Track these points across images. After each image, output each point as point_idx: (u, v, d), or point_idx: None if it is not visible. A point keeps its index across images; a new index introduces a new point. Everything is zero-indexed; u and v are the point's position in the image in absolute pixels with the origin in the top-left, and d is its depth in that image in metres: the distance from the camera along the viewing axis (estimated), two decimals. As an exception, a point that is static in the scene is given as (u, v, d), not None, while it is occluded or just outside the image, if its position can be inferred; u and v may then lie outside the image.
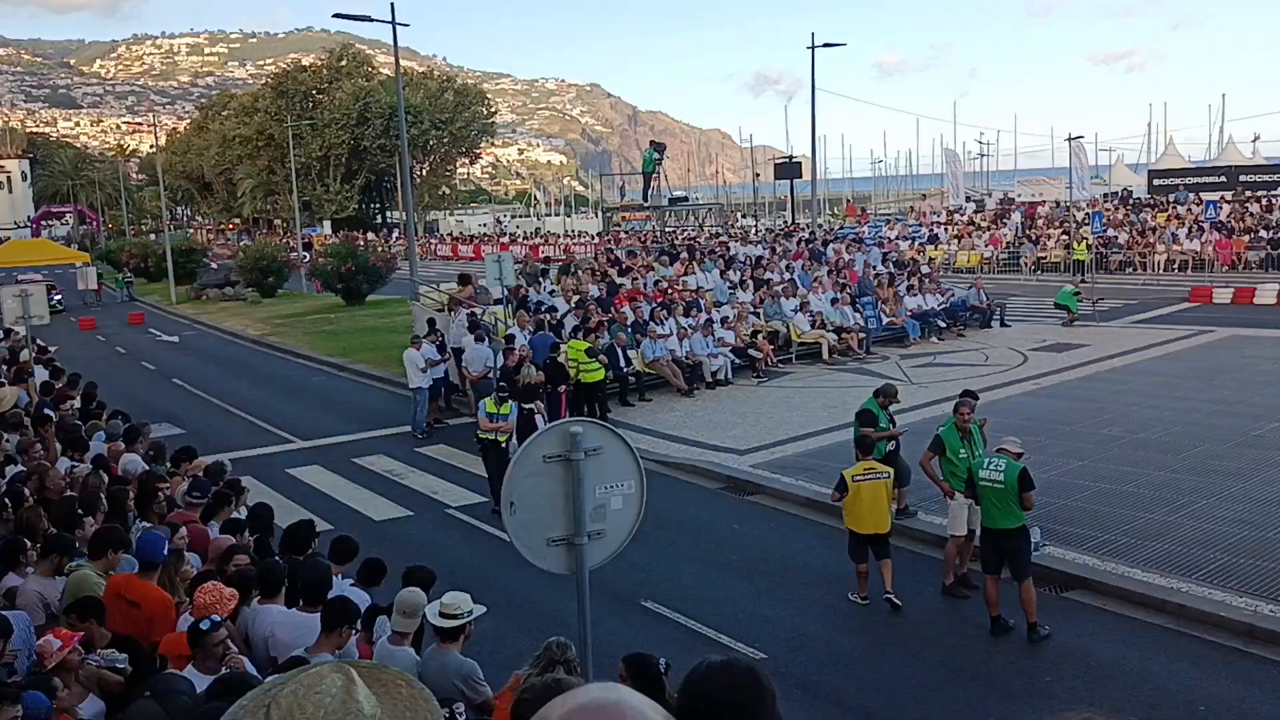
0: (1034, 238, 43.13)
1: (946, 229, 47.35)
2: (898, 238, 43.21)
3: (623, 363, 20.74)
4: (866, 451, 11.48)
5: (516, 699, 3.40)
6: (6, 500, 8.86)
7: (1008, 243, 43.70)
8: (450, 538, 14.07)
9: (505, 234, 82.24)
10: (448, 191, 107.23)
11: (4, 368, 19.86)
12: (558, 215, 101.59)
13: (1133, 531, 12.24)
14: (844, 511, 11.19)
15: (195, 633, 5.86)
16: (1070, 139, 36.99)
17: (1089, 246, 35.88)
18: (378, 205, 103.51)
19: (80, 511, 8.94)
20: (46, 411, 13.70)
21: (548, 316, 21.50)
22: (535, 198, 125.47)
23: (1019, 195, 53.78)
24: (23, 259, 53.37)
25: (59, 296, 45.03)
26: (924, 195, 63.64)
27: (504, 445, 14.86)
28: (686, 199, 44.69)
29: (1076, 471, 14.63)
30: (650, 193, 36.82)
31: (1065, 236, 40.34)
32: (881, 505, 11.00)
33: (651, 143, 37.65)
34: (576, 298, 23.08)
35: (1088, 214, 38.93)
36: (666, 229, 38.81)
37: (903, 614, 10.74)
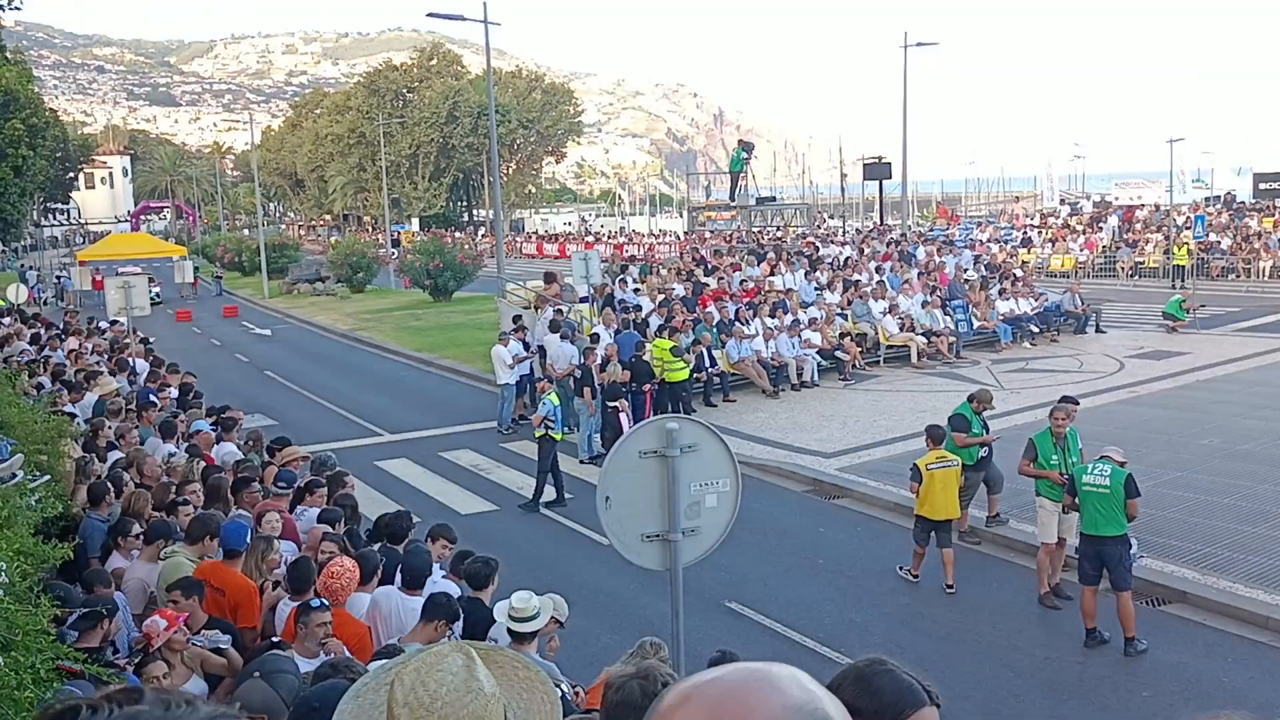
0: (1132, 242, 42.03)
1: (1040, 232, 46.38)
2: (989, 240, 42.39)
3: (707, 362, 20.67)
4: (937, 440, 11.70)
5: (606, 694, 3.37)
6: (109, 484, 9.11)
7: (1104, 247, 42.64)
8: (535, 532, 14.16)
9: (590, 233, 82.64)
10: (534, 190, 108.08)
11: (105, 357, 20.48)
12: (642, 214, 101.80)
13: (1234, 545, 11.86)
14: (918, 500, 11.50)
15: (304, 609, 5.96)
16: (1171, 141, 36.03)
17: (1190, 252, 34.84)
18: (464, 203, 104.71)
19: (178, 499, 9.16)
20: (152, 399, 14.11)
21: (633, 315, 21.53)
22: (619, 197, 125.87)
23: (1116, 198, 52.46)
24: (123, 252, 55.15)
25: (157, 289, 46.25)
26: (1017, 198, 62.27)
27: (537, 437, 15.24)
28: (774, 199, 44.42)
29: (1175, 482, 14.22)
30: (737, 192, 36.68)
31: (1165, 241, 39.24)
32: (951, 492, 11.41)
33: (740, 142, 37.53)
34: (661, 296, 23.07)
35: (1189, 218, 37.78)
36: (753, 228, 38.58)
37: (994, 623, 10.55)
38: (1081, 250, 42.61)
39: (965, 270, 28.66)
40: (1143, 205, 47.87)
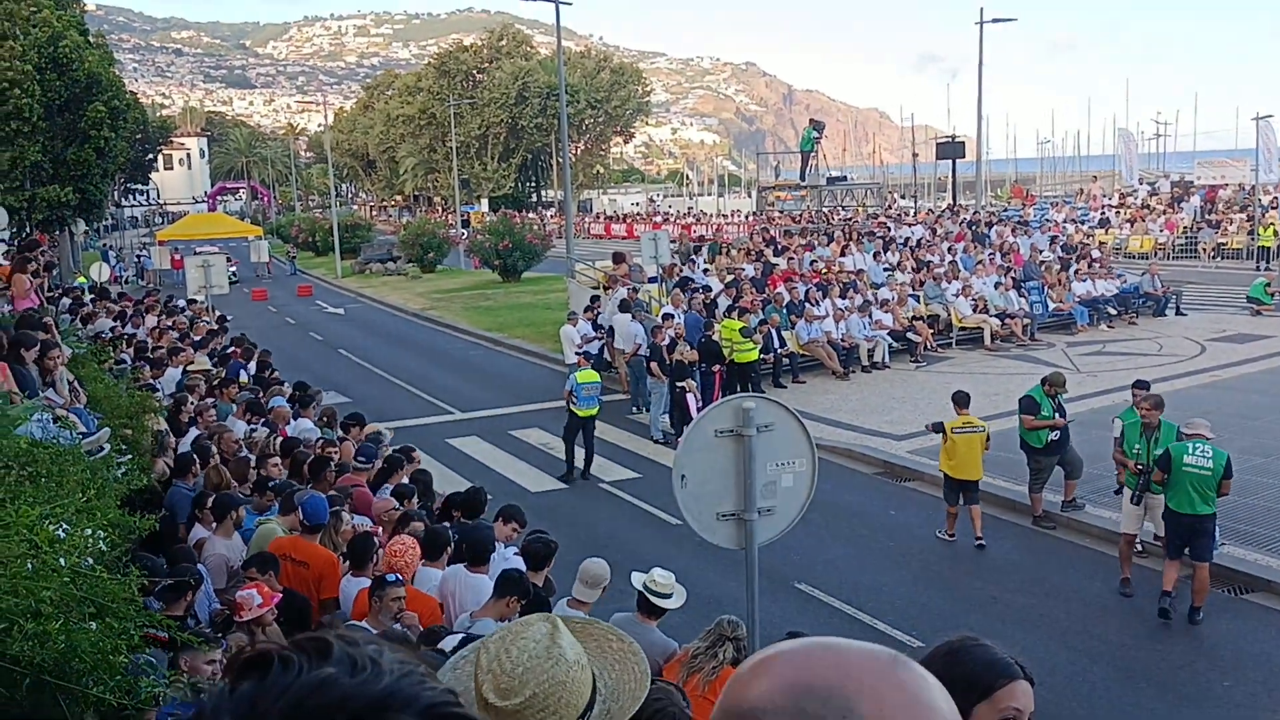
0: (1214, 222, 40.88)
1: (1118, 212, 45.33)
2: (1065, 220, 41.53)
3: (776, 343, 20.56)
4: (962, 406, 12.34)
5: None
6: (195, 455, 9.32)
7: (1185, 227, 41.53)
8: (603, 511, 14.23)
9: (658, 213, 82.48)
10: (602, 170, 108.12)
11: (182, 335, 20.90)
12: (710, 195, 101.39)
13: (1322, 534, 11.56)
14: (942, 458, 12.34)
15: (378, 582, 6.06)
16: (1257, 118, 35.02)
17: (1276, 232, 33.83)
18: (533, 184, 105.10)
19: (260, 474, 9.35)
20: (243, 374, 14.41)
21: (701, 296, 21.46)
22: (687, 177, 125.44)
23: (1198, 178, 50.99)
24: (200, 232, 56.27)
25: (234, 268, 47.11)
26: (1094, 177, 60.82)
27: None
28: (845, 178, 43.96)
29: (1259, 469, 13.86)
30: (808, 171, 36.38)
31: (1249, 222, 38.13)
32: (975, 455, 11.96)
33: (811, 121, 37.19)
34: (730, 277, 22.98)
35: (1275, 198, 36.67)
36: (823, 208, 38.18)
37: (1068, 609, 10.41)
38: (1161, 231, 41.54)
39: (1041, 251, 28.15)
40: (1226, 184, 46.50)
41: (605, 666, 2.03)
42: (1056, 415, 12.44)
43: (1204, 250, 39.14)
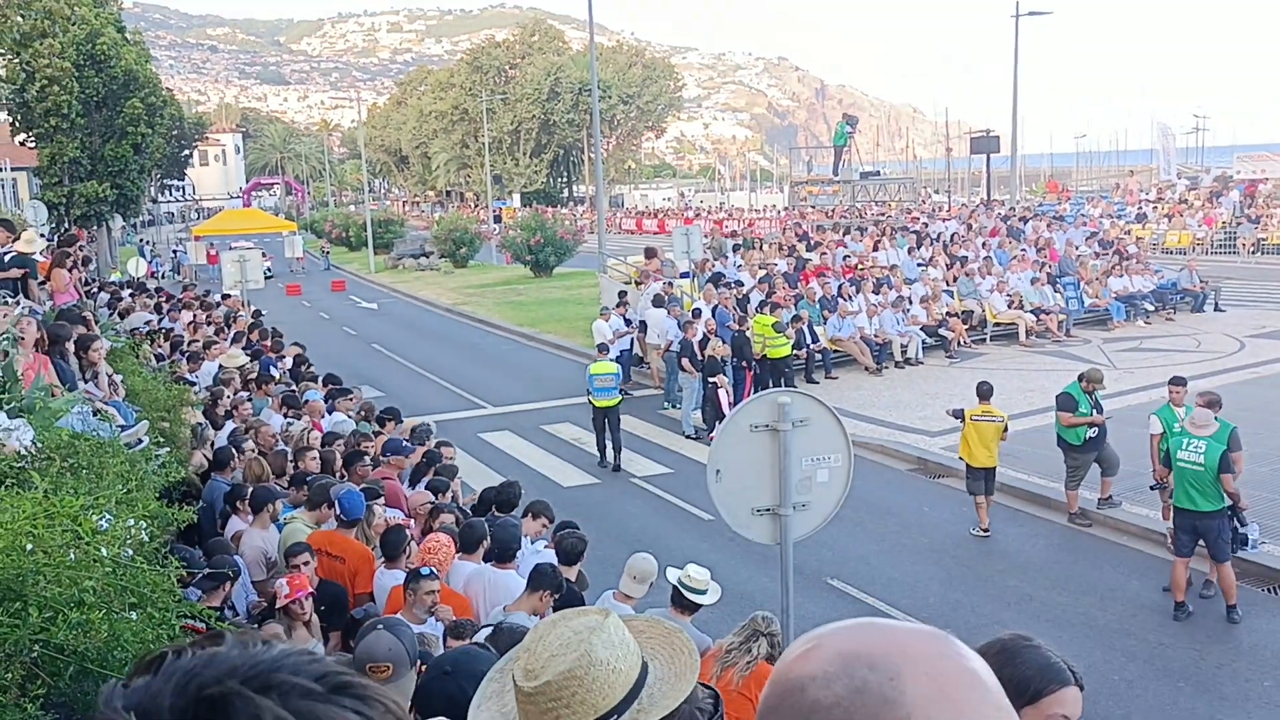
0: (1254, 217, 40.31)
1: (1155, 207, 44.80)
2: (1101, 215, 41.08)
3: (809, 339, 20.48)
4: (984, 398, 12.51)
5: None
6: (234, 450, 9.39)
7: (1224, 223, 40.98)
8: (636, 506, 14.23)
9: (689, 208, 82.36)
10: (633, 166, 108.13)
11: (218, 329, 21.04)
12: (742, 190, 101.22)
13: (1363, 533, 11.39)
14: (960, 445, 12.63)
15: (413, 575, 6.10)
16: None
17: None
18: (565, 179, 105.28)
19: (298, 469, 9.41)
20: (273, 370, 14.51)
21: (733, 291, 21.39)
22: (719, 172, 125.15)
23: (1238, 172, 50.25)
24: (235, 227, 56.69)
25: (268, 264, 47.37)
26: (1131, 172, 60.16)
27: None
28: (878, 173, 43.73)
29: (1299, 467, 13.68)
30: (841, 166, 36.21)
31: (1289, 216, 37.58)
32: (989, 443, 12.25)
33: (844, 116, 37.03)
34: (762, 272, 22.90)
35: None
36: (856, 203, 37.96)
37: (1104, 607, 10.31)
38: (1200, 226, 41.04)
39: (1076, 246, 27.89)
40: (1266, 179, 45.83)
41: (666, 675, 2.03)
42: (1094, 412, 12.34)
43: (1243, 245, 38.61)
